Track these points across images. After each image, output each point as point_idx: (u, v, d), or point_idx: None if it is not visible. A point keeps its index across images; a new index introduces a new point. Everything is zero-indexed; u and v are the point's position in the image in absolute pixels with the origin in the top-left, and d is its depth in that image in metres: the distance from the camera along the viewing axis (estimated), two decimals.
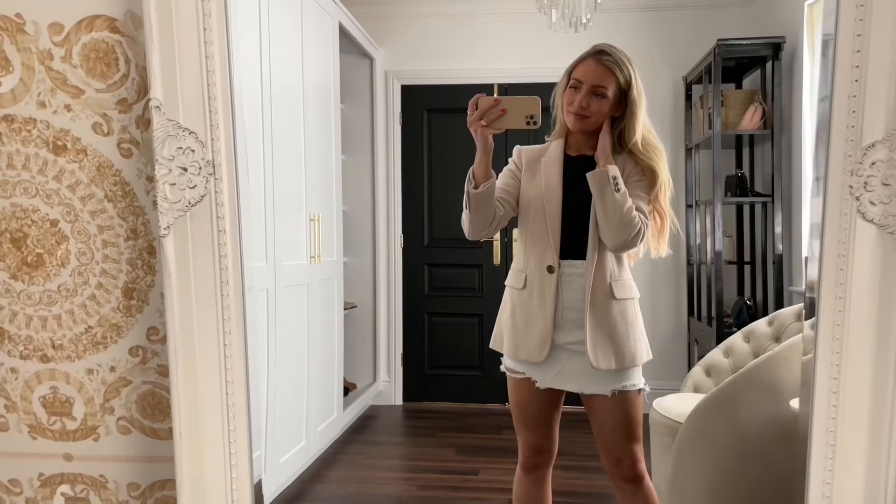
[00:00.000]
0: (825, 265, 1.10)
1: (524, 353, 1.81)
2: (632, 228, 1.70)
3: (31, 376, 1.42)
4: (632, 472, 1.82)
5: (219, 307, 1.21)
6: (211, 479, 1.23)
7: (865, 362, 1.11)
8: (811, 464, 1.17)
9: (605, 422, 1.82)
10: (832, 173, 1.08)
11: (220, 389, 1.21)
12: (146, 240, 1.36)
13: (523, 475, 1.97)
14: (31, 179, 1.36)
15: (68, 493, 1.46)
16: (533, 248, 1.83)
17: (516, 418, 1.93)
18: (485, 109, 1.62)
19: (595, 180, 1.72)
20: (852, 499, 1.15)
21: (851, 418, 1.11)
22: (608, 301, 1.77)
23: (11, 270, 1.39)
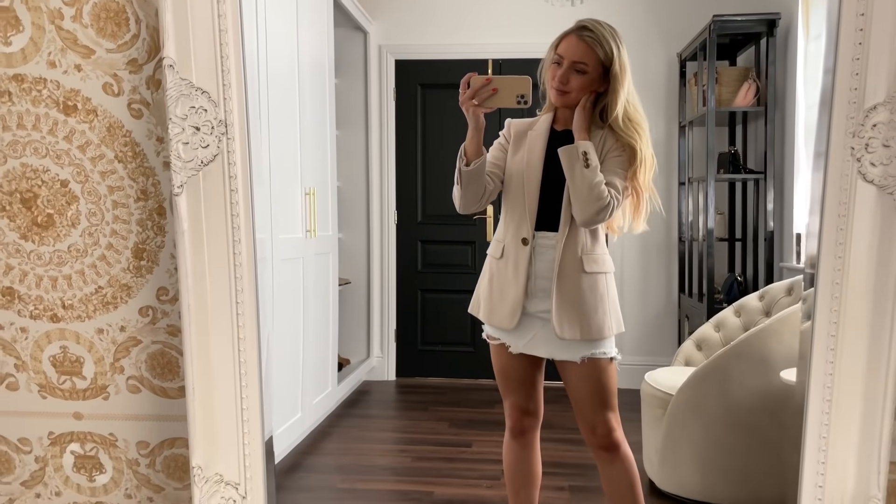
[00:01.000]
0: (825, 226, 1.13)
1: (497, 319, 1.87)
2: (599, 203, 1.73)
3: (41, 336, 1.44)
4: (607, 440, 1.86)
5: (231, 265, 1.23)
6: (223, 434, 1.25)
7: (863, 320, 1.14)
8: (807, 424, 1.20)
9: (577, 389, 1.87)
10: (834, 135, 1.10)
11: (231, 346, 1.24)
12: (156, 201, 1.38)
13: (512, 440, 2.03)
14: (41, 140, 1.37)
15: (78, 452, 1.48)
16: (511, 219, 1.87)
17: (500, 383, 1.99)
18: (476, 88, 1.66)
19: (565, 155, 1.76)
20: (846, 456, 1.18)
21: (848, 376, 1.15)
22: (577, 274, 1.81)
23: (22, 231, 1.40)
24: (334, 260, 3.80)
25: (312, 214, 3.33)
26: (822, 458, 1.18)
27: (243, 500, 1.26)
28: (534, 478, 2.05)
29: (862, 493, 1.17)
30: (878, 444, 1.16)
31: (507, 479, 2.07)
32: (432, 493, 2.74)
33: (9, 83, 1.36)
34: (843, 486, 1.18)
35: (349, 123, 4.44)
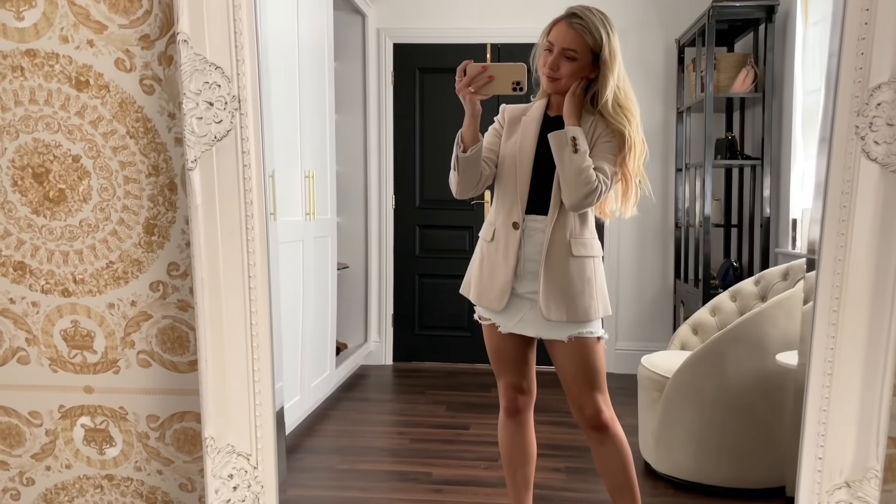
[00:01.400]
0: (829, 204, 1.15)
1: (486, 301, 1.91)
2: (587, 188, 1.75)
3: (52, 310, 1.45)
4: (595, 420, 1.89)
5: (244, 240, 1.24)
6: (235, 406, 1.27)
7: (864, 296, 1.17)
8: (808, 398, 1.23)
9: (565, 368, 1.90)
10: (839, 114, 1.13)
11: (244, 319, 1.25)
12: (168, 176, 1.39)
13: (507, 420, 2.06)
14: (53, 115, 1.38)
15: (88, 425, 1.49)
16: (503, 203, 1.90)
17: (493, 363, 2.02)
18: (472, 76, 1.69)
19: (555, 140, 1.79)
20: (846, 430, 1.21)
21: (849, 349, 1.17)
22: (565, 257, 1.84)
23: (33, 205, 1.41)
24: (333, 243, 3.82)
25: (312, 197, 3.34)
26: (822, 430, 1.21)
27: (255, 471, 1.28)
28: (529, 456, 2.09)
29: (861, 464, 1.20)
30: (878, 418, 1.19)
31: (504, 458, 2.11)
32: (430, 473, 2.77)
33: (21, 58, 1.37)
34: (843, 458, 1.21)
35: (347, 107, 4.44)
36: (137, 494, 1.52)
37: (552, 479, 2.69)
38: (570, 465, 2.84)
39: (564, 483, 2.68)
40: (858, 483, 1.20)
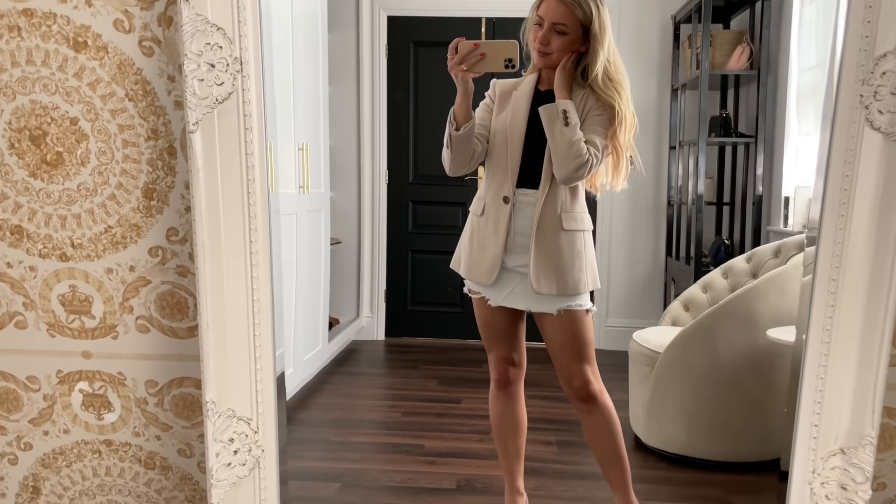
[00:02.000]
0: (832, 173, 1.16)
1: (476, 275, 1.93)
2: (578, 161, 1.76)
3: (49, 275, 1.44)
4: (584, 392, 1.92)
5: (245, 203, 1.23)
6: (235, 370, 1.27)
7: (863, 265, 1.18)
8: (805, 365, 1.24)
9: (553, 341, 1.92)
10: (844, 83, 1.13)
11: (245, 283, 1.25)
12: (167, 140, 1.38)
13: (498, 392, 2.09)
14: (50, 76, 1.36)
15: (86, 390, 1.49)
16: (493, 177, 1.91)
17: (484, 336, 2.04)
18: (464, 54, 1.69)
19: (546, 114, 1.80)
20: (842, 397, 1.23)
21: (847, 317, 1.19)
22: (556, 231, 1.85)
23: (31, 168, 1.40)
24: (326, 218, 3.81)
25: (305, 170, 3.32)
26: (819, 398, 1.22)
27: (255, 435, 1.29)
28: (520, 427, 2.12)
29: (856, 431, 1.22)
30: (874, 386, 1.20)
31: (495, 430, 2.13)
32: (423, 445, 2.80)
33: (18, 18, 1.34)
34: (838, 425, 1.23)
35: (340, 80, 4.40)
36: (136, 460, 1.52)
37: (543, 452, 2.71)
38: (561, 438, 2.87)
39: (555, 455, 2.71)
40: (853, 450, 1.22)
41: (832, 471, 1.24)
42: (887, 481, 1.47)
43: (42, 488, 1.56)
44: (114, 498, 1.55)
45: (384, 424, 3.13)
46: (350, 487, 2.41)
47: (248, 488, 1.30)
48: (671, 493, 2.43)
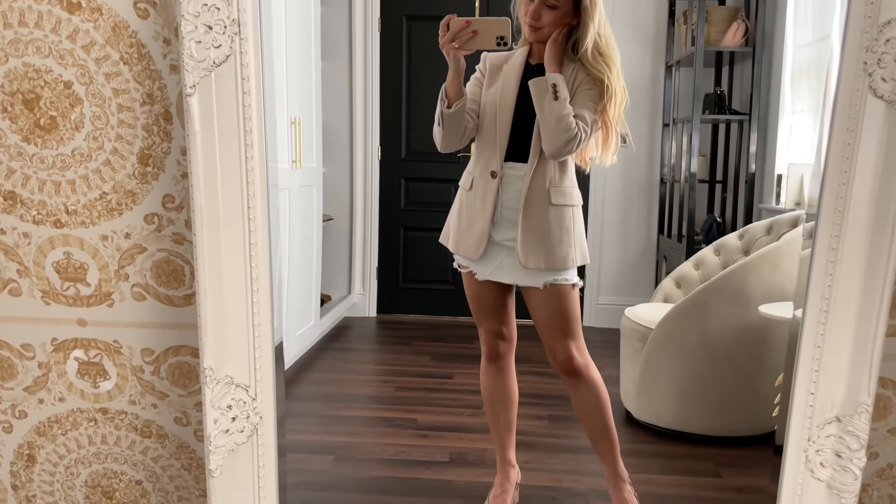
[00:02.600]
0: (834, 140, 1.16)
1: (463, 249, 1.93)
2: (567, 135, 1.76)
3: (44, 241, 1.42)
4: (568, 366, 1.92)
5: (243, 169, 1.22)
6: (233, 337, 1.26)
7: (863, 234, 1.18)
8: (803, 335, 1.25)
9: (539, 314, 1.92)
10: (848, 50, 1.12)
11: (243, 249, 1.24)
12: (163, 105, 1.36)
13: (488, 365, 2.10)
14: (43, 38, 1.33)
15: (82, 358, 1.48)
16: (482, 152, 1.90)
17: (473, 310, 2.05)
18: (456, 31, 1.68)
19: (535, 87, 1.79)
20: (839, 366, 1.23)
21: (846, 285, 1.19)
22: (544, 205, 1.84)
23: (24, 133, 1.37)
24: (318, 193, 3.79)
25: (298, 144, 3.30)
26: (816, 366, 1.23)
27: (253, 402, 1.28)
28: (510, 399, 2.13)
29: (852, 399, 1.23)
30: (871, 355, 1.21)
31: (486, 403, 2.15)
32: (415, 419, 2.80)
33: None
34: (834, 393, 1.23)
35: (333, 54, 4.36)
36: (132, 428, 1.52)
37: (535, 426, 2.73)
38: (553, 412, 2.88)
39: (547, 430, 2.73)
40: (849, 417, 1.23)
41: (827, 438, 1.25)
42: (880, 451, 1.48)
43: (37, 456, 1.55)
44: (110, 466, 1.55)
45: (377, 399, 3.14)
46: (344, 460, 2.42)
47: (245, 455, 1.30)
48: (662, 467, 2.45)
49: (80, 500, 1.57)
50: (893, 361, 1.42)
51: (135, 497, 1.56)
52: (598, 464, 2.09)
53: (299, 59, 3.37)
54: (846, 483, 1.25)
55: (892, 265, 1.19)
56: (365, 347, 4.04)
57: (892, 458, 1.49)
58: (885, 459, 1.49)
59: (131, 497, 1.56)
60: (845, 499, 1.25)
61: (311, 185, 3.64)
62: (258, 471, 1.31)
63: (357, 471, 2.36)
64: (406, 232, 4.57)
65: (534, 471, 2.32)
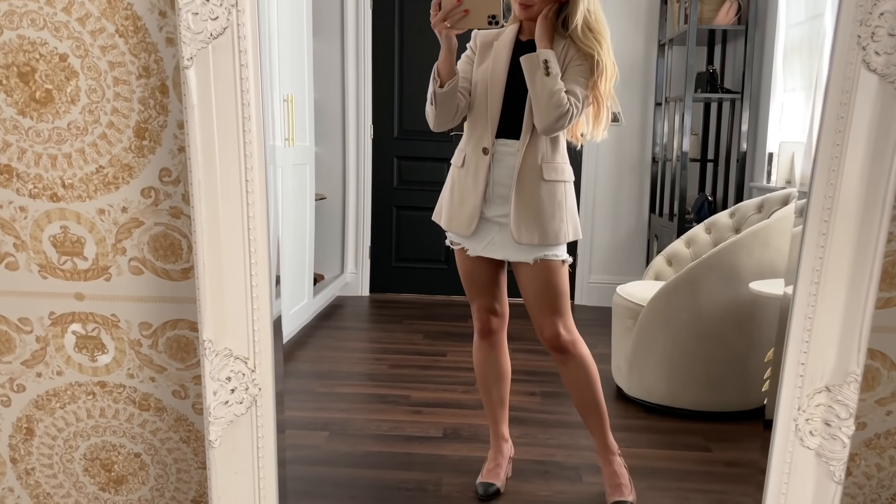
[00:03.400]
0: (827, 114, 1.17)
1: (455, 226, 1.94)
2: (559, 111, 1.77)
3: (40, 215, 1.42)
4: (555, 342, 1.95)
5: (241, 142, 1.22)
6: (232, 309, 1.27)
7: (855, 208, 1.20)
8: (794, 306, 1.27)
9: (528, 290, 1.94)
10: (842, 24, 1.13)
11: (241, 222, 1.24)
12: (159, 78, 1.35)
13: (481, 341, 2.13)
14: (38, 10, 1.32)
15: (80, 332, 1.49)
16: (474, 128, 1.91)
17: (466, 287, 2.06)
18: (447, 10, 1.68)
19: (527, 63, 1.80)
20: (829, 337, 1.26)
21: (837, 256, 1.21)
22: (537, 181, 1.86)
23: (19, 106, 1.37)
24: (311, 172, 3.78)
25: (291, 122, 3.28)
26: (807, 336, 1.25)
27: (252, 374, 1.30)
28: (503, 374, 2.16)
29: (842, 369, 1.25)
30: (860, 325, 1.23)
31: (479, 378, 2.17)
32: (409, 396, 2.83)
33: None
34: (824, 364, 1.26)
35: (325, 32, 4.33)
36: (130, 401, 1.53)
37: (527, 402, 2.75)
38: (545, 389, 2.91)
39: (539, 406, 2.75)
40: (838, 387, 1.26)
41: (817, 408, 1.27)
42: (868, 421, 1.52)
43: (36, 430, 1.56)
44: (108, 439, 1.56)
45: (370, 376, 3.16)
46: (338, 436, 2.44)
47: (245, 426, 1.32)
48: (651, 441, 2.49)
49: (79, 473, 1.58)
50: (882, 333, 1.45)
51: (133, 469, 1.58)
52: (589, 438, 2.12)
53: (291, 37, 3.35)
54: (835, 451, 1.27)
55: (883, 238, 1.21)
56: (358, 326, 4.06)
57: (879, 429, 1.52)
58: (873, 429, 1.52)
59: (130, 469, 1.58)
60: (834, 466, 1.28)
61: (304, 163, 3.64)
62: (257, 441, 1.33)
63: (351, 446, 2.38)
64: (399, 211, 4.57)
65: (526, 445, 2.35)
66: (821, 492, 1.29)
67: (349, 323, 4.07)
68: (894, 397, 1.49)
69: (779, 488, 1.31)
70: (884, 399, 1.50)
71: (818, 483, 1.29)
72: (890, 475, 1.54)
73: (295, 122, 3.36)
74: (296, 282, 3.54)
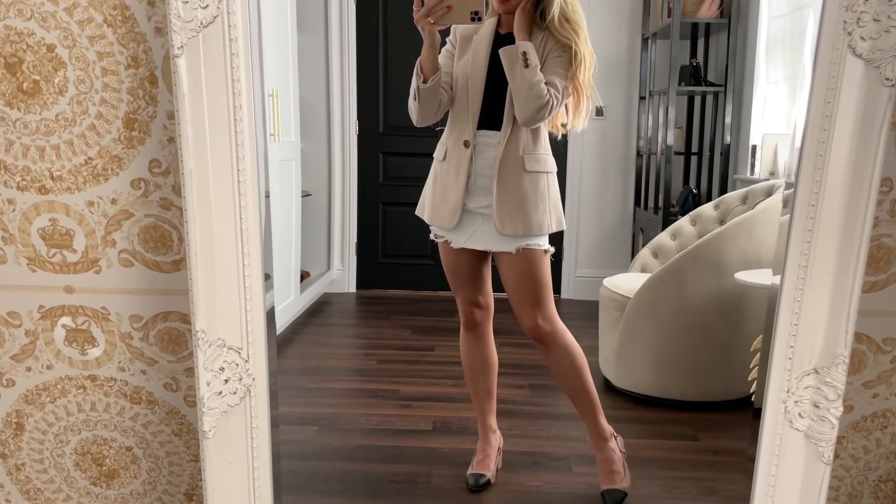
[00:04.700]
0: (814, 99, 1.19)
1: (438, 219, 1.96)
2: (539, 102, 1.79)
3: (29, 208, 1.41)
4: (535, 333, 1.97)
5: (232, 131, 1.22)
6: (225, 300, 1.26)
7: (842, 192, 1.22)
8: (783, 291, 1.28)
9: (509, 279, 1.96)
10: (828, 9, 1.15)
11: (233, 212, 1.24)
12: (148, 69, 1.35)
13: (466, 334, 2.15)
14: (25, 0, 1.31)
15: (70, 325, 1.48)
16: (455, 122, 1.93)
17: (450, 280, 2.08)
18: (430, 6, 1.69)
19: (506, 56, 1.82)
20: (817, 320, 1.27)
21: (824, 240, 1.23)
22: (519, 172, 1.87)
23: (6, 98, 1.36)
24: (297, 168, 3.77)
25: (276, 117, 3.27)
26: (795, 320, 1.26)
27: (245, 364, 1.29)
28: (490, 366, 2.17)
29: (829, 351, 1.27)
30: (848, 308, 1.25)
31: (466, 370, 2.19)
32: (398, 390, 2.83)
33: None
34: (812, 346, 1.27)
35: (309, 28, 4.32)
36: (121, 394, 1.52)
37: (516, 395, 2.77)
38: (533, 381, 2.92)
39: (528, 398, 2.77)
40: (826, 369, 1.27)
41: (805, 390, 1.29)
42: (855, 404, 1.54)
43: (26, 424, 1.55)
44: (99, 433, 1.55)
45: (359, 371, 3.16)
46: (328, 430, 2.44)
47: (239, 416, 1.31)
48: (640, 432, 2.50)
49: (70, 468, 1.57)
50: (869, 317, 1.47)
51: (125, 463, 1.57)
52: (578, 429, 2.14)
53: (275, 32, 3.34)
54: (823, 432, 1.29)
55: (869, 223, 1.23)
56: (346, 322, 4.05)
57: (865, 411, 1.54)
58: (860, 412, 1.54)
59: (122, 463, 1.57)
60: (822, 447, 1.29)
61: (290, 159, 3.63)
62: (251, 432, 1.32)
63: (341, 440, 2.38)
64: (385, 207, 4.57)
65: (516, 437, 2.36)
66: (810, 473, 1.31)
67: (336, 319, 4.07)
68: (880, 380, 1.52)
69: (768, 470, 1.32)
70: (870, 382, 1.52)
71: (807, 464, 1.31)
72: (877, 457, 1.56)
73: (280, 117, 3.35)
74: (282, 279, 3.53)
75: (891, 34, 1.14)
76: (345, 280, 4.60)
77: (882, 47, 1.14)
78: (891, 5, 1.13)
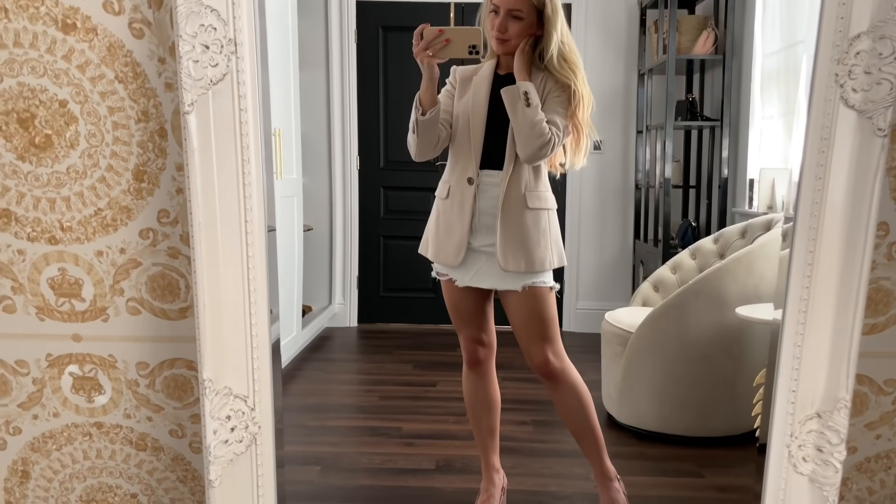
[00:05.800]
0: (808, 148, 1.22)
1: (443, 257, 1.97)
2: (541, 140, 1.82)
3: (38, 258, 1.43)
4: (544, 369, 1.97)
5: (240, 184, 1.25)
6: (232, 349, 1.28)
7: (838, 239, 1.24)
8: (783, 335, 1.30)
9: (516, 317, 1.97)
10: (820, 63, 1.18)
11: (241, 263, 1.26)
12: (157, 122, 1.38)
13: (469, 371, 2.15)
14: (38, 58, 1.35)
15: (76, 373, 1.49)
16: (457, 160, 1.95)
17: (453, 318, 2.09)
18: (429, 40, 1.73)
19: (508, 96, 1.85)
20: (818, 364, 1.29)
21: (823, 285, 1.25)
22: (521, 209, 1.90)
23: (18, 151, 1.39)
24: (299, 204, 3.80)
25: (279, 155, 3.31)
26: (797, 364, 1.28)
27: (252, 412, 1.31)
28: (492, 404, 2.17)
29: (831, 395, 1.28)
30: (848, 352, 1.27)
31: (468, 409, 2.18)
32: (401, 428, 2.82)
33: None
34: (814, 391, 1.29)
35: (310, 66, 4.38)
36: (127, 441, 1.53)
37: (519, 432, 2.76)
38: (536, 417, 2.92)
39: (531, 435, 2.76)
40: (829, 413, 1.29)
41: (809, 434, 1.30)
42: (858, 445, 1.54)
43: (31, 472, 1.55)
44: (105, 480, 1.56)
45: (361, 408, 3.15)
46: (330, 470, 2.43)
47: (245, 465, 1.32)
48: (644, 468, 2.50)
49: None
50: (870, 359, 1.48)
51: None
52: (583, 467, 2.13)
53: (278, 71, 3.39)
54: (827, 476, 1.30)
55: (867, 266, 1.25)
56: (347, 357, 4.05)
57: (869, 452, 1.55)
58: (863, 453, 1.55)
59: None
60: (827, 491, 1.30)
61: (292, 195, 3.66)
62: (257, 480, 1.33)
63: (344, 480, 2.37)
64: (386, 241, 4.60)
65: (519, 475, 2.35)
66: None
67: (338, 354, 4.07)
68: (883, 421, 1.53)
69: None
70: (873, 423, 1.53)
71: None
72: (881, 498, 1.56)
73: (283, 155, 3.39)
74: (284, 314, 3.55)
75: (882, 86, 1.18)
76: (346, 314, 4.61)
77: (874, 99, 1.17)
78: (881, 59, 1.16)
